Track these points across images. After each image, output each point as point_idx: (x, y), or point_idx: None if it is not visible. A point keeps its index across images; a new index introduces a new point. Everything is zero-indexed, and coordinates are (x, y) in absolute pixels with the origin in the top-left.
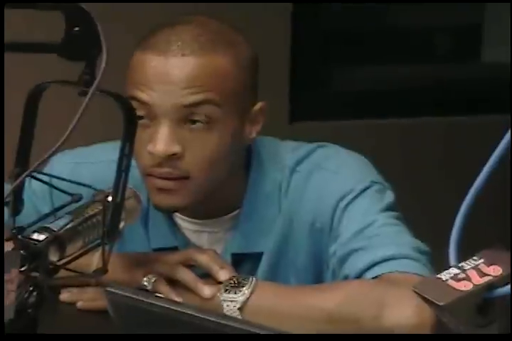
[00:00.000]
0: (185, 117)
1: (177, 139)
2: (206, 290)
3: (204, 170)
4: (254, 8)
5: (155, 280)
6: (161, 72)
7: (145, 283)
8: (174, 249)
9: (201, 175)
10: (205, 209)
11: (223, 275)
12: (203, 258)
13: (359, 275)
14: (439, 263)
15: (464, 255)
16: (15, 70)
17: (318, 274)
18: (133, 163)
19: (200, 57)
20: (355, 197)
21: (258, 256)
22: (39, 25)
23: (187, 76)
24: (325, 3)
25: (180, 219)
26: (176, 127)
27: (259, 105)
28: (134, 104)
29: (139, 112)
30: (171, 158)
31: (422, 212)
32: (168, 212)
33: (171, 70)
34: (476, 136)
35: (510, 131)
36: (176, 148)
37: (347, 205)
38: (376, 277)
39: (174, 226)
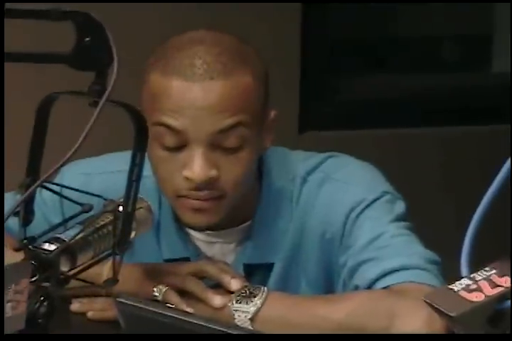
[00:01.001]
0: (219, 141)
1: (212, 163)
2: (217, 300)
3: (238, 188)
4: (263, 20)
5: (165, 291)
6: (191, 98)
7: (155, 294)
8: (186, 259)
9: (235, 193)
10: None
11: (235, 285)
12: (213, 269)
13: (369, 286)
14: (449, 274)
15: (475, 266)
16: (26, 80)
17: (328, 284)
18: (144, 173)
19: (226, 79)
20: (366, 207)
21: (269, 267)
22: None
23: (218, 100)
24: (334, 13)
25: (191, 229)
26: (209, 151)
27: (272, 114)
28: (163, 130)
29: (169, 139)
30: (209, 180)
31: (431, 222)
32: (202, 230)
33: (202, 95)
34: (487, 146)
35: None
36: (213, 172)
37: (358, 216)
38: (386, 287)
39: (186, 236)
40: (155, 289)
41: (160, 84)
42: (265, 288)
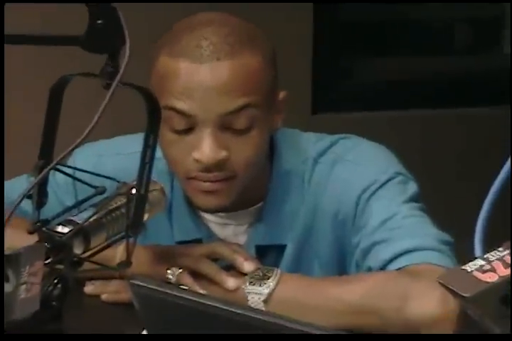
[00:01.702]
0: (228, 123)
1: (222, 144)
2: (230, 282)
3: (249, 168)
4: (277, 6)
5: (179, 273)
6: (199, 80)
7: (169, 276)
8: (198, 241)
9: (246, 173)
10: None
11: (248, 266)
12: (227, 251)
13: (383, 267)
14: (461, 254)
15: (488, 246)
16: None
17: (341, 266)
18: (156, 155)
19: (233, 60)
20: (378, 188)
21: (282, 248)
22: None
23: (226, 81)
24: None
25: (203, 211)
26: (219, 133)
27: (282, 94)
28: (171, 113)
29: (178, 122)
30: (219, 162)
31: (444, 203)
32: (214, 212)
33: (209, 77)
34: (497, 126)
35: None
36: (222, 154)
37: (370, 197)
38: (400, 269)
39: (198, 218)
40: (169, 271)
41: (168, 66)
42: (278, 270)
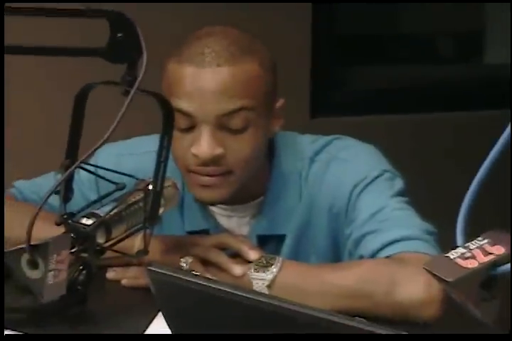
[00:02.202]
0: (225, 123)
1: (218, 142)
2: (237, 269)
3: (244, 166)
4: (278, 16)
5: (191, 262)
6: (200, 83)
7: (182, 264)
8: (205, 231)
9: (241, 170)
10: (234, 197)
11: (253, 255)
12: (233, 241)
13: (373, 255)
14: (444, 244)
15: (469, 236)
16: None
17: (336, 254)
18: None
19: (232, 66)
20: (368, 184)
21: (281, 238)
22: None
23: (224, 85)
24: (341, 10)
25: (205, 204)
26: (216, 131)
27: (280, 102)
28: (177, 114)
29: (181, 121)
30: (215, 158)
31: (431, 198)
32: (211, 205)
33: (209, 81)
34: (477, 129)
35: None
36: (218, 150)
37: (361, 192)
38: (388, 257)
39: (206, 211)
40: (182, 260)
41: (175, 72)
42: (280, 258)
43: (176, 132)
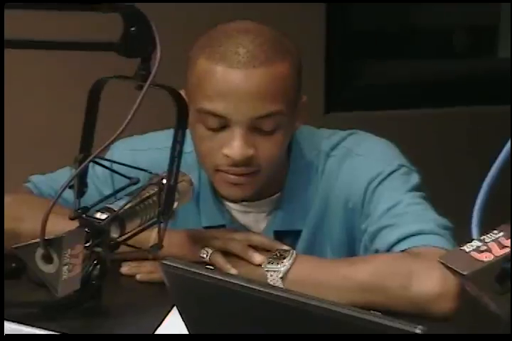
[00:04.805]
0: (257, 124)
1: (250, 143)
2: (257, 257)
3: (272, 164)
4: (293, 9)
5: (212, 252)
6: (234, 84)
7: (203, 255)
8: (222, 226)
9: (269, 169)
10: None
11: (276, 245)
12: (262, 239)
13: (388, 250)
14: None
15: (484, 229)
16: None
17: (351, 249)
18: (187, 149)
19: (268, 68)
20: (384, 179)
21: (297, 233)
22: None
23: (259, 87)
24: (356, 5)
25: (228, 200)
26: (248, 133)
27: (303, 99)
28: (207, 115)
29: (212, 121)
30: (247, 159)
31: (447, 192)
32: (238, 202)
33: (244, 82)
34: (491, 123)
35: None
36: (250, 152)
37: (377, 186)
38: (404, 251)
39: (222, 206)
40: (203, 251)
41: (206, 69)
42: (294, 251)
43: (205, 130)
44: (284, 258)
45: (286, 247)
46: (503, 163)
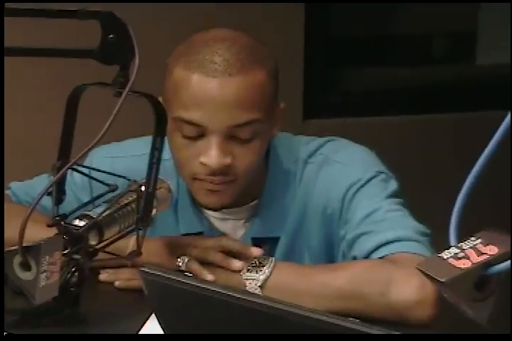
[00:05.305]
0: (234, 133)
1: (227, 151)
2: (236, 263)
3: (250, 172)
4: (271, 17)
5: (188, 260)
6: (211, 93)
7: (179, 263)
8: (200, 233)
9: (247, 177)
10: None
11: (256, 251)
12: (233, 242)
13: (366, 256)
14: (438, 245)
15: (462, 236)
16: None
17: (329, 256)
18: (165, 156)
19: (244, 76)
20: (362, 185)
21: (276, 240)
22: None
23: (236, 96)
24: (334, 11)
25: (206, 208)
26: (225, 141)
27: (280, 106)
28: (183, 123)
29: (189, 129)
30: (224, 168)
31: (425, 199)
32: (215, 210)
33: (221, 91)
34: (471, 130)
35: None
36: (227, 160)
37: (355, 193)
38: (382, 257)
39: (201, 213)
40: (179, 259)
41: (182, 78)
42: (273, 259)
43: (182, 139)
44: (263, 266)
45: (259, 252)
46: (481, 170)
